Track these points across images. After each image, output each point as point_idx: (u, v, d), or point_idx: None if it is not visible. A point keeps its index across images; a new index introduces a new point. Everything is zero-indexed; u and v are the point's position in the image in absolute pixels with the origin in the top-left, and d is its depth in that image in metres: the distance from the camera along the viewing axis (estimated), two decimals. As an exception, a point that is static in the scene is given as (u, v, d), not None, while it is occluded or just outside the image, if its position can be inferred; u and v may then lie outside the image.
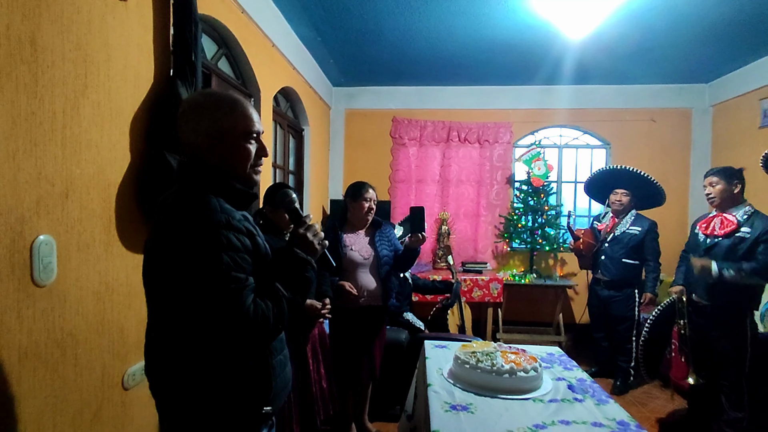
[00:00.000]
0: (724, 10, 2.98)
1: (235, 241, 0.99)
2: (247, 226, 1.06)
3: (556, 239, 4.74)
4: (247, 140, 1.09)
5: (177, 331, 1.02)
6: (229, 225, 1.00)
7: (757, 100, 4.04)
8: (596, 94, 4.82)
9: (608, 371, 3.67)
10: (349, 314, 2.51)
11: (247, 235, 1.04)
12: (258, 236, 1.09)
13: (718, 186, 2.57)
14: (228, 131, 1.06)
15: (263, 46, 3.06)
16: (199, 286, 0.96)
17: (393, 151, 5.09)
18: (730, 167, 2.62)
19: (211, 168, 1.07)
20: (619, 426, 1.37)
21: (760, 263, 2.42)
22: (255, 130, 1.10)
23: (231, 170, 1.08)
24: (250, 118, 1.10)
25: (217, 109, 1.07)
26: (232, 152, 1.08)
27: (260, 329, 0.98)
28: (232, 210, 1.04)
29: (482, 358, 1.67)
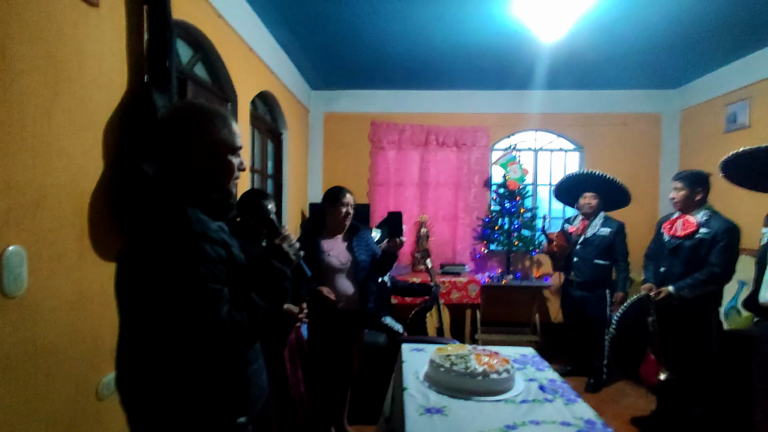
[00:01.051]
0: (691, 19, 3.10)
1: (211, 252, 1.00)
2: (222, 237, 1.07)
3: (532, 241, 4.84)
4: (234, 154, 1.13)
5: (150, 343, 1.02)
6: (205, 236, 1.01)
7: (722, 105, 4.21)
8: (570, 98, 4.95)
9: (582, 370, 3.77)
10: (327, 319, 2.53)
11: (223, 246, 1.05)
12: (233, 246, 1.10)
13: (681, 192, 2.72)
14: (218, 145, 1.09)
15: (240, 51, 3.05)
16: (175, 297, 0.97)
17: (372, 155, 5.12)
18: (697, 173, 2.75)
19: (191, 178, 1.08)
20: (586, 424, 1.43)
21: (712, 269, 2.57)
22: (240, 145, 1.15)
23: (213, 182, 1.10)
24: (236, 134, 1.14)
25: (210, 122, 1.09)
26: (218, 165, 1.10)
27: (235, 339, 1.00)
28: (208, 220, 1.06)
29: (456, 361, 1.71)
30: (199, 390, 1.03)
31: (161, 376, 1.02)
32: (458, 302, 4.44)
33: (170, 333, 1.00)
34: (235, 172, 1.13)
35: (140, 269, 1.01)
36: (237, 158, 1.14)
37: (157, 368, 1.02)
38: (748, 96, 3.88)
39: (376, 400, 2.87)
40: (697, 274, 2.60)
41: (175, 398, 1.02)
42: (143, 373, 1.03)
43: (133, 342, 1.06)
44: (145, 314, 1.02)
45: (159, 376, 1.02)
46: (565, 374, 3.83)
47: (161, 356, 1.02)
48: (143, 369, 1.03)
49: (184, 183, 1.08)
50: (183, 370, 1.01)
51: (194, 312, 0.96)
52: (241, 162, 1.16)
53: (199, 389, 1.03)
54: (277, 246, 1.15)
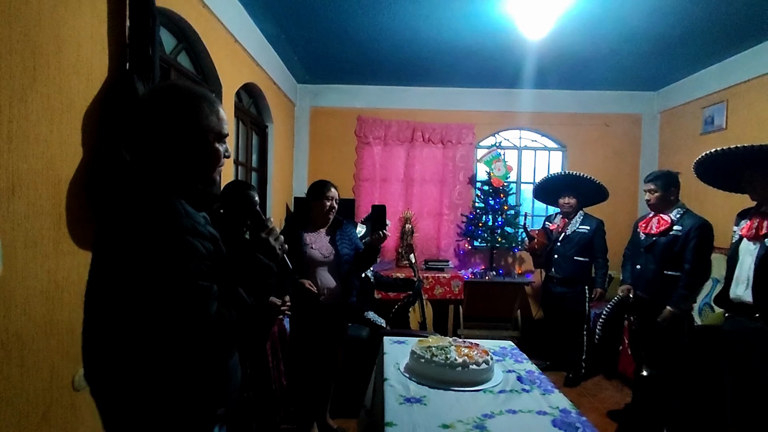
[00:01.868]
0: (669, 23, 3.18)
1: (201, 249, 0.97)
2: (210, 231, 1.04)
3: (515, 238, 4.91)
4: (220, 142, 1.07)
5: (129, 337, 0.97)
6: (194, 231, 0.97)
7: (699, 108, 4.32)
8: (554, 98, 5.01)
9: (561, 364, 3.84)
10: (309, 312, 2.53)
11: (211, 240, 1.02)
12: (219, 240, 1.07)
13: (656, 194, 2.81)
14: (206, 131, 1.03)
15: (225, 41, 3.02)
16: (163, 294, 0.93)
17: (358, 150, 5.12)
18: (668, 174, 2.83)
19: (175, 165, 1.02)
20: (561, 413, 1.46)
21: (690, 269, 2.66)
22: (227, 132, 1.09)
23: (198, 170, 1.05)
24: (224, 120, 1.08)
25: (197, 107, 1.02)
26: (204, 153, 1.04)
27: (224, 337, 0.98)
28: (195, 213, 1.02)
29: (437, 353, 1.73)
30: (179, 383, 0.99)
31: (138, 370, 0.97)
32: (441, 297, 4.48)
33: (156, 328, 0.95)
34: (221, 160, 1.08)
35: (123, 262, 0.95)
36: (223, 145, 1.08)
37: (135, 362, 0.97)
38: (725, 99, 3.99)
39: (358, 394, 2.88)
40: (681, 283, 2.68)
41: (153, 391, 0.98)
42: (119, 366, 0.98)
43: (105, 334, 1.00)
44: (126, 307, 0.96)
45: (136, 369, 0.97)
46: (545, 369, 3.88)
47: (140, 350, 0.96)
48: (119, 362, 0.98)
49: (168, 171, 1.02)
50: (164, 363, 0.98)
51: (183, 309, 0.93)
52: (227, 149, 1.10)
53: (180, 382, 0.99)
54: (263, 240, 1.12)
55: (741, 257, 2.22)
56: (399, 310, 3.57)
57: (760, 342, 2.03)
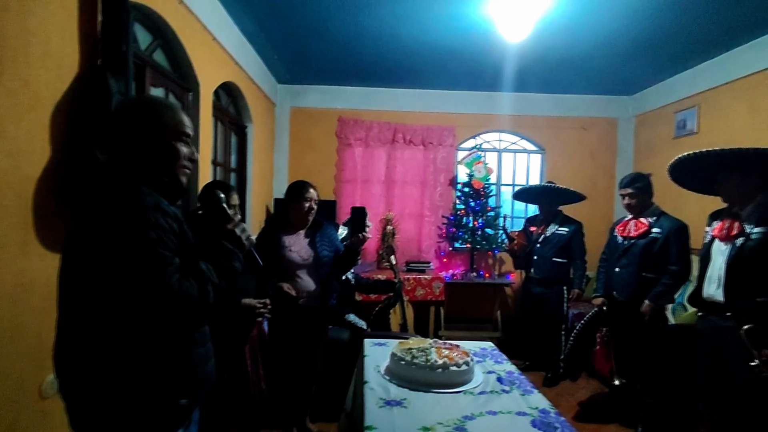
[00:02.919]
0: (643, 28, 3.25)
1: (163, 222, 1.02)
2: (175, 212, 1.09)
3: (495, 239, 4.95)
4: (179, 140, 1.16)
5: (95, 322, 1.02)
6: (157, 207, 1.03)
7: (672, 112, 4.44)
8: (533, 101, 5.08)
9: (541, 364, 3.88)
10: (288, 315, 2.49)
11: (175, 220, 1.07)
12: (185, 224, 1.12)
13: (635, 198, 2.86)
14: (163, 128, 1.14)
15: (203, 39, 2.96)
16: (125, 263, 0.97)
17: (339, 151, 5.09)
18: (642, 176, 2.89)
19: (141, 163, 1.12)
20: (540, 414, 1.47)
21: (674, 269, 2.71)
22: (187, 131, 1.18)
23: (161, 166, 1.14)
24: (183, 122, 1.18)
25: (156, 110, 1.15)
26: (164, 149, 1.14)
27: (185, 308, 1.00)
28: (160, 199, 1.08)
29: (417, 354, 1.72)
30: (140, 369, 1.02)
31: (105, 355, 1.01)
32: (422, 299, 4.49)
33: (120, 304, 0.99)
34: (181, 158, 1.16)
35: (89, 245, 1.01)
36: (185, 146, 1.17)
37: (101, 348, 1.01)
38: (696, 104, 4.10)
39: (339, 397, 2.86)
40: (664, 279, 2.74)
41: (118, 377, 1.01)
42: (86, 354, 1.02)
43: (76, 325, 1.04)
44: (94, 290, 1.01)
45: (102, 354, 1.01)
46: (524, 369, 3.94)
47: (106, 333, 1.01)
48: (86, 350, 1.02)
49: (135, 168, 1.11)
50: (128, 348, 1.01)
51: (144, 277, 0.97)
52: (192, 152, 1.19)
53: (140, 368, 1.03)
54: (229, 230, 1.18)
55: (713, 257, 2.28)
56: (380, 312, 3.55)
57: (731, 340, 2.08)
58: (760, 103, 3.44)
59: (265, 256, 2.52)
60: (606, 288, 3.00)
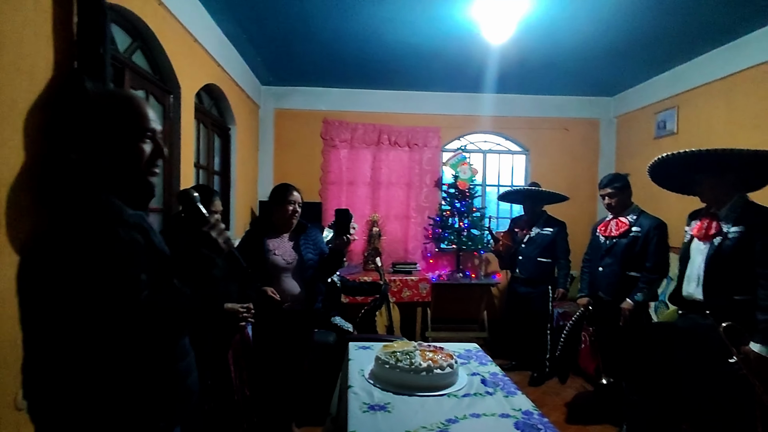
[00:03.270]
0: (622, 30, 3.29)
1: (125, 236, 0.96)
2: (140, 223, 1.03)
3: (481, 240, 4.97)
4: (141, 139, 1.06)
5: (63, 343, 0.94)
6: (118, 220, 0.97)
7: (652, 113, 4.51)
8: (517, 103, 5.12)
9: (527, 364, 3.91)
10: (272, 320, 2.47)
11: (140, 232, 1.00)
12: (152, 233, 1.05)
13: (615, 197, 2.90)
14: (120, 129, 1.04)
15: (183, 41, 2.92)
16: (89, 285, 0.91)
17: (324, 153, 5.07)
18: (620, 177, 2.93)
19: (103, 165, 1.04)
20: (524, 416, 1.48)
21: (653, 266, 2.75)
22: (150, 128, 1.07)
23: (124, 168, 1.05)
24: (144, 116, 1.07)
25: (110, 107, 1.04)
26: (124, 151, 1.04)
27: (155, 326, 0.95)
28: (124, 206, 1.02)
29: (402, 358, 1.72)
30: (114, 391, 0.96)
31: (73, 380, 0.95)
32: (409, 300, 4.49)
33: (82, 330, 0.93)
34: (143, 157, 1.06)
35: (50, 260, 0.93)
36: (148, 143, 1.08)
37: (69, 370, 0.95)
38: (676, 105, 4.18)
39: (325, 401, 2.84)
40: (643, 276, 2.78)
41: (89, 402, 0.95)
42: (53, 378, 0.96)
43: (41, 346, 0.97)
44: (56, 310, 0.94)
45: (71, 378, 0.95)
46: (511, 368, 3.97)
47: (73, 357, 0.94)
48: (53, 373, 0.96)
49: (99, 170, 1.03)
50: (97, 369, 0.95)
51: (111, 298, 0.91)
52: (158, 148, 1.10)
53: (115, 390, 0.96)
54: (205, 233, 1.09)
55: (692, 256, 2.32)
56: (366, 314, 3.54)
57: (710, 337, 2.12)
58: (737, 104, 3.52)
59: (248, 260, 2.52)
60: (590, 287, 3.03)
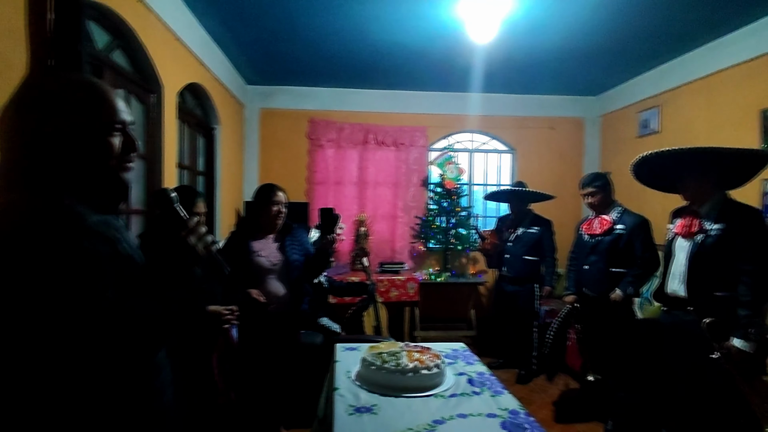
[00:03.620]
0: (606, 30, 3.32)
1: (89, 248, 0.84)
2: (107, 231, 0.91)
3: (468, 239, 4.99)
4: (110, 132, 0.94)
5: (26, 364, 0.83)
6: (81, 231, 0.85)
7: (635, 112, 4.57)
8: (502, 102, 5.15)
9: (515, 362, 3.93)
10: (258, 322, 2.44)
11: (106, 241, 0.89)
12: (122, 242, 0.93)
13: (597, 195, 2.93)
14: (85, 121, 0.91)
15: (165, 39, 2.87)
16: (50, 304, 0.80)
17: (310, 153, 5.03)
18: (598, 176, 2.96)
19: (66, 165, 0.91)
20: (510, 415, 1.47)
21: (641, 266, 2.78)
22: (119, 119, 0.95)
23: (90, 168, 0.93)
24: (113, 105, 0.95)
25: (70, 96, 0.91)
26: (90, 146, 0.92)
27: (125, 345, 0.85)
28: (87, 213, 0.89)
29: (388, 359, 1.70)
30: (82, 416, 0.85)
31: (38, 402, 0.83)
32: (397, 300, 4.48)
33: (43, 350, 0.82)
34: (113, 152, 0.95)
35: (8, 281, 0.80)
36: (118, 136, 0.96)
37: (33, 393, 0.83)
38: (658, 104, 4.23)
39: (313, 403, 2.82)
40: (634, 269, 2.80)
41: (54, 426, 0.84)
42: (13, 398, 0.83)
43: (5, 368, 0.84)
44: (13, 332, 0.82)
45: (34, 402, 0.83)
46: (499, 366, 3.99)
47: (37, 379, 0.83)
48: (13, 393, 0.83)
49: (57, 171, 0.90)
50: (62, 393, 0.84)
51: (74, 319, 0.80)
52: (130, 140, 0.98)
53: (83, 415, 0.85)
54: (182, 239, 0.99)
55: (675, 254, 2.35)
56: (353, 314, 3.52)
57: (693, 333, 2.15)
58: (717, 103, 3.58)
59: (233, 262, 2.48)
60: (576, 285, 3.06)
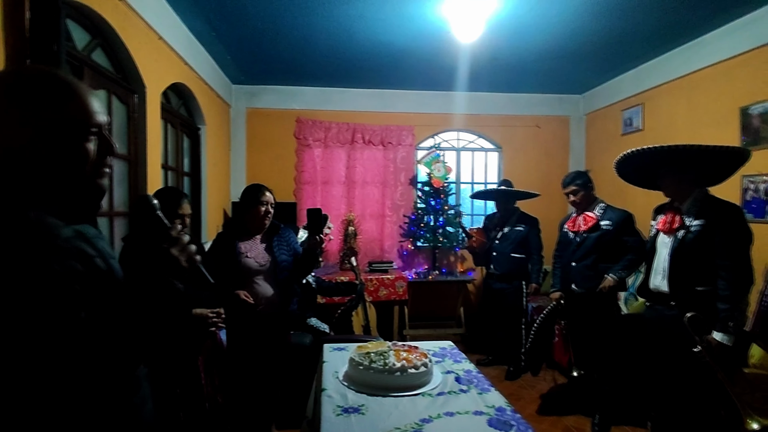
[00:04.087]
0: (590, 30, 3.36)
1: (59, 269, 0.78)
2: (79, 246, 0.84)
3: (456, 237, 5.01)
4: (85, 136, 0.87)
5: None
6: (51, 249, 0.78)
7: (619, 111, 4.63)
8: (489, 101, 5.18)
9: (503, 358, 3.96)
10: (247, 323, 2.42)
11: (78, 258, 0.82)
12: (97, 256, 0.87)
13: (580, 193, 2.97)
14: (57, 124, 0.83)
15: (147, 38, 2.83)
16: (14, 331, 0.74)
17: (297, 152, 5.01)
18: (579, 175, 3.00)
19: (34, 172, 0.84)
20: (497, 412, 1.48)
21: (634, 253, 2.80)
22: (95, 122, 0.88)
23: (63, 175, 0.86)
24: (88, 106, 0.87)
25: (41, 96, 0.83)
26: (63, 152, 0.85)
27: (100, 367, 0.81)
28: (58, 227, 0.82)
29: (375, 359, 1.71)
30: None
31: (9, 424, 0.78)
32: (386, 299, 4.48)
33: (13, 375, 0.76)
34: (89, 157, 0.88)
35: None
36: (94, 140, 0.89)
37: None
38: (641, 102, 4.30)
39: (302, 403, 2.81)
40: (628, 256, 2.82)
41: None
42: None
43: None
44: None
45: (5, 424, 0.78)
46: (488, 364, 4.02)
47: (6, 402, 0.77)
48: None
49: (24, 179, 0.83)
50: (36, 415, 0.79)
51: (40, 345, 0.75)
52: (107, 144, 0.91)
53: None
54: (164, 251, 0.92)
55: (658, 250, 2.39)
56: (342, 314, 3.52)
57: (675, 327, 2.18)
58: (698, 101, 3.64)
59: (220, 264, 2.47)
60: (562, 282, 3.09)
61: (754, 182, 3.09)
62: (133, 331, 0.84)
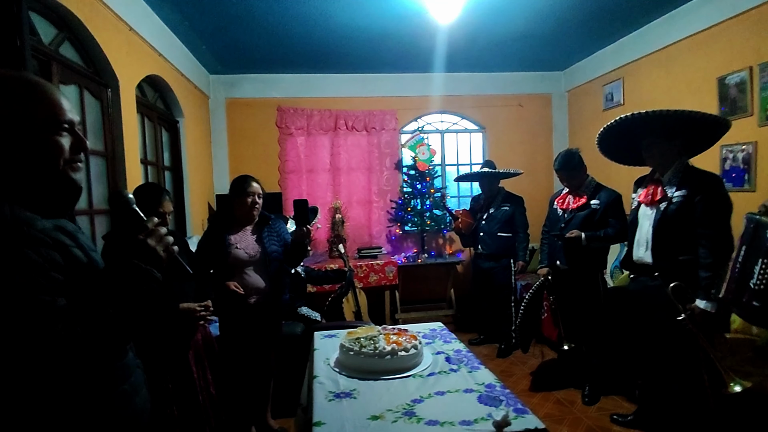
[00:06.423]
0: (568, 5, 3.34)
1: (36, 257, 0.81)
2: (58, 237, 0.88)
3: (443, 220, 5.03)
4: (56, 132, 0.91)
5: None
6: (27, 238, 0.81)
7: (600, 86, 4.64)
8: (470, 81, 5.15)
9: (494, 336, 4.01)
10: (239, 314, 2.42)
11: (56, 248, 0.85)
12: (75, 247, 0.91)
13: (572, 179, 2.97)
14: (28, 122, 0.87)
15: (117, 30, 2.75)
16: None
17: (280, 142, 4.95)
18: (570, 156, 2.97)
19: (7, 170, 0.87)
20: (486, 389, 1.51)
21: (614, 230, 2.84)
22: (66, 119, 0.92)
23: (36, 170, 0.89)
24: (58, 105, 0.91)
25: (10, 95, 0.87)
26: (35, 148, 0.88)
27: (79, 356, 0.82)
28: (34, 219, 0.85)
29: (366, 343, 1.71)
30: None
31: None
32: (377, 284, 4.50)
33: None
34: (62, 153, 0.91)
35: None
36: (66, 136, 0.92)
37: None
38: (621, 77, 4.31)
39: (296, 392, 2.83)
40: (606, 230, 2.86)
41: None
42: None
43: None
44: None
45: None
46: (479, 342, 4.07)
47: None
48: None
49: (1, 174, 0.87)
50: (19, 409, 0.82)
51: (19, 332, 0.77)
52: (78, 140, 0.94)
53: None
54: (141, 242, 0.95)
55: (640, 222, 2.42)
56: (332, 302, 3.52)
57: (659, 297, 2.23)
58: (676, 72, 3.66)
59: (210, 257, 2.44)
60: (550, 258, 3.12)
61: (733, 151, 3.14)
62: (114, 317, 0.87)
